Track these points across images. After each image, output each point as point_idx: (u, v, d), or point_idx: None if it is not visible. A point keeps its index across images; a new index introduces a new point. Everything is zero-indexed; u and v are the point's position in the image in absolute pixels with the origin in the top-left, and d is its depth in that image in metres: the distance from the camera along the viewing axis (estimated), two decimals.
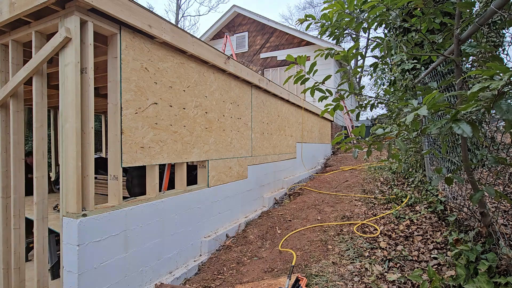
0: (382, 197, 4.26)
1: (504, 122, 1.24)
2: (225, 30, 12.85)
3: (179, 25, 23.76)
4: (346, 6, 2.26)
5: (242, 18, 13.04)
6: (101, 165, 5.41)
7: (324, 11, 2.36)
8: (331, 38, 2.54)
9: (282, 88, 5.73)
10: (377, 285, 2.29)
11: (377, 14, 2.13)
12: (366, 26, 2.38)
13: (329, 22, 2.44)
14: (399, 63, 4.69)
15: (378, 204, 4.04)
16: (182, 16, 27.15)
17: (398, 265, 2.55)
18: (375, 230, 3.25)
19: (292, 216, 4.21)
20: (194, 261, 3.14)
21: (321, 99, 2.45)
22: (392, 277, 2.35)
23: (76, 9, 1.97)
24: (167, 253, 2.80)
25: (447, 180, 1.85)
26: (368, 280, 2.37)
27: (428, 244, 2.75)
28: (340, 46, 8.39)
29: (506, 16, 1.90)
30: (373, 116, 16.86)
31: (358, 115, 2.65)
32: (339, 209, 4.08)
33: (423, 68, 4.44)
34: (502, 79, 1.08)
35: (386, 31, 5.11)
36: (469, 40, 2.78)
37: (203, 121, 3.32)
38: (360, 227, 3.37)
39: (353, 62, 23.25)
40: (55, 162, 6.43)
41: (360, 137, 2.00)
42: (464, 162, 2.15)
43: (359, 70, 2.99)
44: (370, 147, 1.88)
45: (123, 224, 2.32)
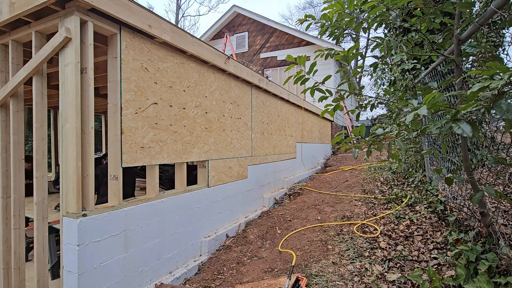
0: (382, 197, 4.26)
1: (504, 122, 1.24)
2: (225, 30, 12.84)
3: (179, 25, 23.76)
4: (346, 6, 2.26)
5: (242, 18, 13.04)
6: None
7: (324, 11, 2.36)
8: (331, 38, 2.54)
9: (282, 88, 5.73)
10: (377, 285, 2.29)
11: (377, 14, 2.13)
12: (366, 26, 2.38)
13: (329, 22, 2.43)
14: (399, 63, 4.69)
15: (378, 204, 4.04)
16: (182, 16, 27.16)
17: (398, 265, 2.55)
18: (375, 230, 3.25)
19: (292, 216, 4.21)
20: (194, 261, 3.14)
21: (321, 99, 2.45)
22: (392, 277, 2.35)
23: (76, 9, 1.97)
24: (167, 253, 2.80)
25: (447, 180, 1.85)
26: (368, 280, 2.37)
27: (428, 244, 2.75)
28: (340, 46, 8.39)
29: (506, 16, 1.90)
30: (373, 116, 16.86)
31: (358, 115, 2.65)
32: (339, 209, 4.08)
33: (423, 68, 4.44)
34: (502, 79, 1.08)
35: (386, 31, 5.11)
36: (469, 40, 2.78)
37: (203, 121, 3.32)
38: (360, 227, 3.37)
39: (353, 62, 23.24)
40: (55, 162, 6.43)
41: (360, 137, 2.00)
42: (464, 162, 2.15)
43: (359, 70, 2.99)
44: (370, 147, 1.88)
45: (123, 224, 2.32)
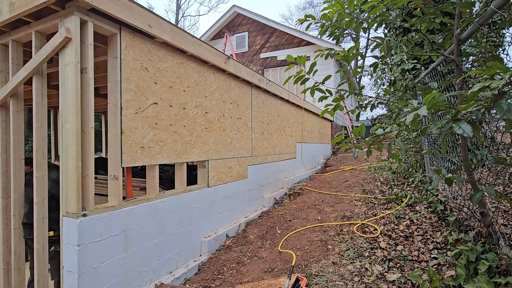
0: (382, 197, 4.26)
1: (505, 121, 1.24)
2: (225, 30, 12.83)
3: (179, 25, 23.75)
4: (346, 6, 2.26)
5: (242, 18, 13.03)
6: (101, 165, 5.41)
7: (324, 11, 2.36)
8: (331, 38, 2.53)
9: (282, 88, 5.73)
10: (377, 285, 2.29)
11: (377, 14, 2.13)
12: (366, 26, 2.38)
13: (329, 22, 2.43)
14: (399, 63, 4.69)
15: (378, 204, 4.04)
16: (182, 16, 27.15)
17: (398, 265, 2.55)
18: (375, 230, 3.25)
19: (292, 216, 4.20)
20: (194, 261, 3.14)
21: (321, 99, 2.45)
22: (392, 277, 2.35)
23: (76, 9, 1.97)
24: (167, 253, 2.80)
25: (447, 180, 1.85)
26: (368, 280, 2.37)
27: (428, 244, 2.75)
28: (340, 46, 8.39)
29: (506, 16, 1.90)
30: (373, 116, 16.85)
31: (358, 115, 2.65)
32: (339, 209, 4.08)
33: (423, 68, 4.43)
34: (503, 79, 1.08)
35: (386, 31, 5.11)
36: (469, 40, 2.78)
37: (203, 121, 3.32)
38: (360, 227, 3.37)
39: (353, 62, 23.21)
40: None
41: (360, 137, 1.99)
42: (464, 162, 2.15)
43: (359, 70, 2.99)
44: (370, 147, 1.88)
45: (123, 224, 2.32)
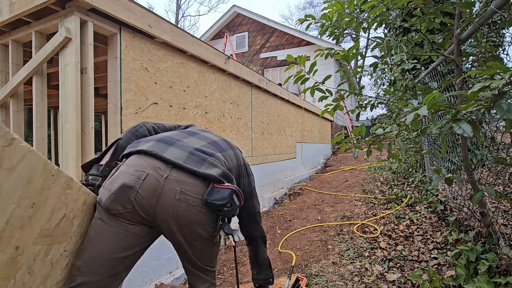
0: (382, 197, 4.26)
1: (505, 121, 1.24)
2: (225, 30, 12.84)
3: (179, 25, 23.73)
4: (346, 6, 2.26)
5: (242, 18, 13.04)
6: None
7: (324, 11, 2.36)
8: (331, 38, 2.53)
9: (282, 88, 5.73)
10: (377, 285, 2.29)
11: (377, 14, 2.13)
12: (366, 26, 2.38)
13: (329, 22, 2.43)
14: (399, 63, 4.69)
15: (378, 204, 4.04)
16: (182, 16, 27.17)
17: (398, 265, 2.55)
18: (375, 230, 3.25)
19: (292, 216, 4.20)
20: None
21: (321, 99, 2.45)
22: (392, 277, 2.35)
23: (76, 9, 1.97)
24: (167, 253, 2.80)
25: (447, 180, 1.85)
26: (368, 280, 2.37)
27: (428, 244, 2.75)
28: (340, 46, 8.40)
29: (506, 16, 1.90)
30: (373, 116, 16.85)
31: (358, 115, 2.65)
32: (339, 209, 4.08)
33: (423, 68, 4.43)
34: (503, 79, 1.08)
35: (386, 31, 5.11)
36: (469, 40, 2.78)
37: (203, 121, 3.32)
38: (360, 227, 3.37)
39: (353, 62, 23.25)
40: (55, 162, 6.43)
41: (360, 137, 1.99)
42: (464, 162, 2.15)
43: (359, 70, 2.99)
44: (370, 147, 1.88)
45: None
